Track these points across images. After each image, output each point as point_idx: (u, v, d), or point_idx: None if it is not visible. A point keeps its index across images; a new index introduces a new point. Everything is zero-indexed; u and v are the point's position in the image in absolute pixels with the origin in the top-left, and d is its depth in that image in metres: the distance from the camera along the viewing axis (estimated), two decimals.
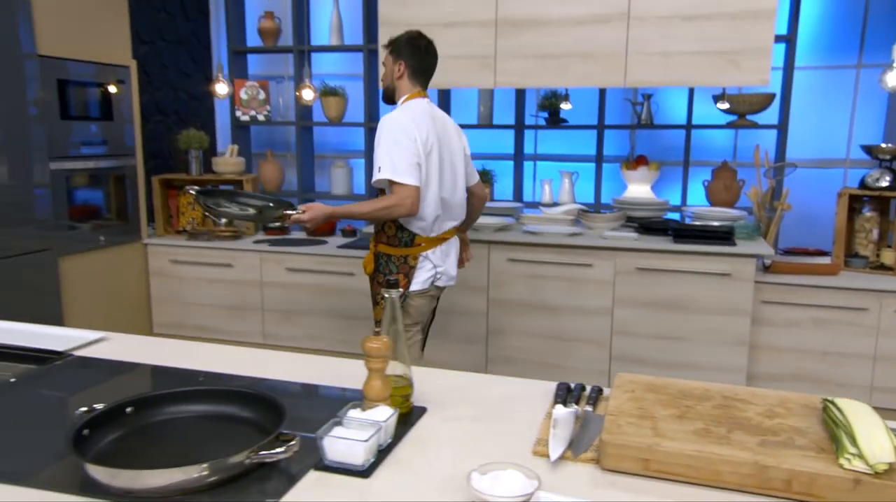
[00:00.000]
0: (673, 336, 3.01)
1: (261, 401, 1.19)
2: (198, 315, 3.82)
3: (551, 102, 4.16)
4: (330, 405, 1.36)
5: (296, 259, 3.65)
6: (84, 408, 1.13)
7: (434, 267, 2.37)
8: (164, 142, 4.49)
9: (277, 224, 2.10)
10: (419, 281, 2.35)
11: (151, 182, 4.01)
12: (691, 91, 3.93)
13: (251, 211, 2.36)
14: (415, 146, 2.22)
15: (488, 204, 3.70)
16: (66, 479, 1.01)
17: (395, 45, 2.37)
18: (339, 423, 1.10)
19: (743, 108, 3.67)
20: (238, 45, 4.58)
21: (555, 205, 3.86)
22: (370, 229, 2.88)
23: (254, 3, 4.78)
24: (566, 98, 4.04)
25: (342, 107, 4.45)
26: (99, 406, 1.14)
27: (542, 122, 4.25)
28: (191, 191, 2.36)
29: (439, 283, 2.42)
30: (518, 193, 4.40)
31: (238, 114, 4.51)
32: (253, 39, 4.69)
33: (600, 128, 4.15)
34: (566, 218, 3.38)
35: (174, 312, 3.88)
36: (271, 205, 2.34)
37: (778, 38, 3.17)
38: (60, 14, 3.23)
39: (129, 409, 1.16)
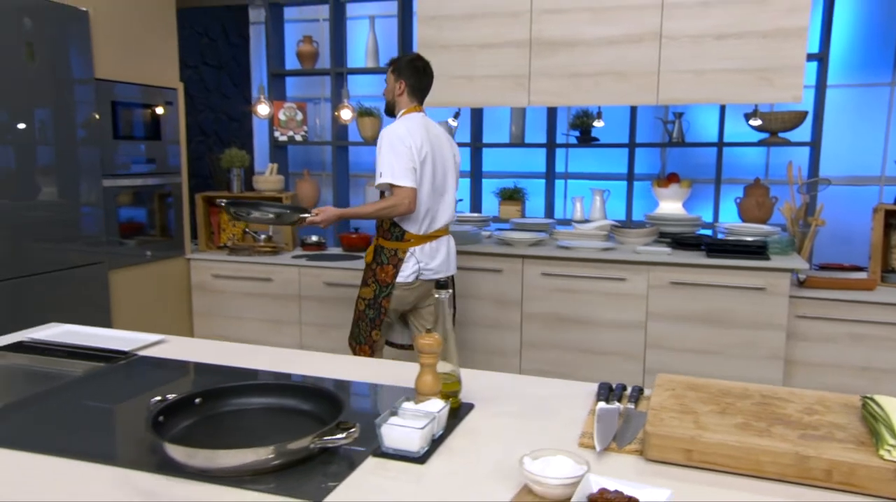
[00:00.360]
0: (707, 350, 3.02)
1: (319, 395, 1.26)
2: (237, 328, 3.93)
3: (582, 121, 4.23)
4: (381, 400, 1.42)
5: (333, 273, 3.74)
6: (158, 398, 1.21)
7: (417, 262, 2.63)
8: (205, 162, 4.66)
9: (295, 222, 2.59)
10: (404, 274, 2.62)
11: (195, 199, 4.16)
12: (722, 109, 3.97)
13: (271, 215, 2.78)
14: (410, 153, 2.52)
15: (522, 220, 3.76)
16: (144, 459, 1.09)
17: (397, 66, 2.67)
18: (394, 413, 1.17)
19: (775, 126, 3.70)
20: (277, 68, 4.75)
21: (586, 221, 3.91)
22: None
23: (292, 28, 4.96)
24: (598, 116, 4.11)
25: (377, 127, 4.58)
26: (171, 396, 1.22)
27: (573, 141, 4.32)
28: (220, 203, 2.76)
29: (424, 278, 2.66)
30: (549, 211, 4.46)
31: (276, 134, 4.66)
32: (291, 63, 4.86)
33: (631, 146, 4.20)
34: (599, 233, 3.42)
35: (215, 325, 4.00)
36: (288, 210, 2.71)
37: (810, 57, 3.21)
38: (115, 39, 3.41)
39: (197, 400, 1.25)
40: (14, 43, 2.81)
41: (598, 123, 4.10)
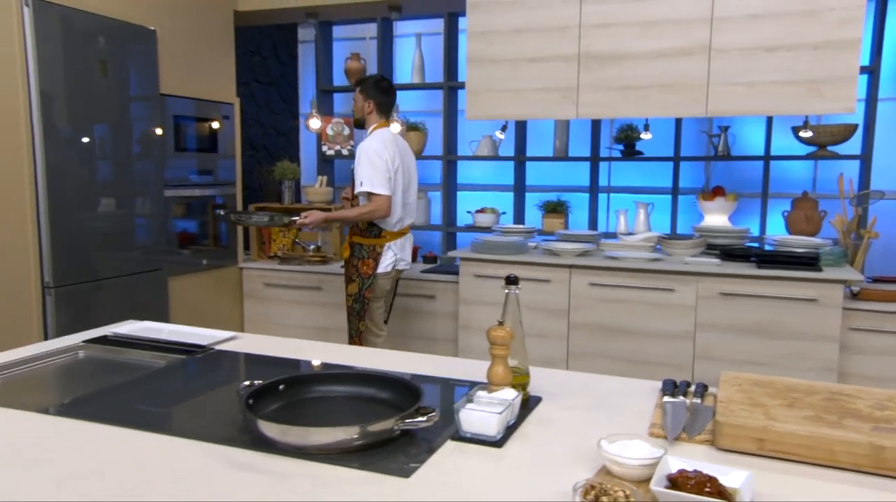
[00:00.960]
0: (757, 361, 3.00)
1: (397, 384, 1.32)
2: (287, 334, 4.03)
3: (627, 135, 4.26)
4: (449, 393, 1.48)
5: None
6: (246, 383, 1.29)
7: (394, 254, 3.12)
8: (255, 175, 4.81)
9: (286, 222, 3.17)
10: (384, 265, 3.09)
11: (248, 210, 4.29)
12: (769, 122, 3.96)
13: (266, 219, 3.28)
14: (386, 165, 2.96)
15: (567, 231, 3.80)
16: (238, 437, 1.17)
17: (364, 87, 3.11)
18: (469, 401, 1.22)
19: (824, 139, 3.68)
20: (325, 84, 4.89)
21: (630, 234, 3.93)
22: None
23: (340, 46, 5.11)
24: (646, 129, 4.13)
25: (422, 141, 4.68)
26: (258, 382, 1.29)
27: (617, 155, 4.35)
28: (219, 213, 3.40)
29: (399, 267, 3.17)
30: (593, 224, 4.49)
31: (324, 148, 4.79)
32: (338, 80, 5.01)
33: (676, 159, 4.21)
34: (646, 244, 3.44)
35: (265, 331, 4.11)
36: (279, 216, 3.24)
37: (861, 69, 3.20)
38: (178, 56, 3.58)
39: (281, 386, 1.32)
40: (90, 60, 2.98)
41: (645, 135, 4.13)
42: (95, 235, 3.06)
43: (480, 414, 1.16)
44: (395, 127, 3.35)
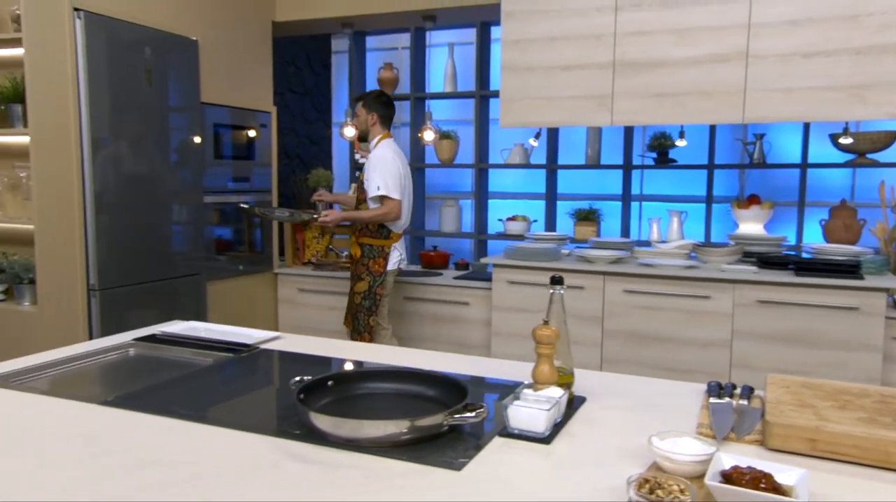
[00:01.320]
0: (796, 370, 2.96)
1: (443, 382, 1.34)
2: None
3: (660, 143, 4.25)
4: (496, 391, 1.49)
5: (413, 288, 3.85)
6: (297, 379, 1.32)
7: (399, 253, 3.35)
8: (289, 183, 4.89)
9: (306, 220, 3.43)
10: (392, 263, 3.32)
11: None
12: (806, 130, 3.92)
13: (286, 214, 3.45)
14: (398, 171, 3.21)
15: (600, 238, 3.79)
16: (290, 430, 1.19)
17: (367, 101, 3.33)
18: (517, 398, 1.23)
19: (864, 146, 3.63)
20: (359, 93, 4.95)
21: (663, 242, 3.90)
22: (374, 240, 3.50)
23: (372, 56, 5.18)
24: (681, 136, 4.11)
25: (454, 149, 4.72)
26: (307, 378, 1.32)
27: (649, 162, 4.33)
28: (243, 206, 3.48)
29: (402, 266, 3.39)
30: (625, 232, 4.47)
31: (357, 156, 4.85)
32: (371, 89, 5.07)
33: (710, 167, 4.18)
34: (680, 251, 3.42)
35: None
36: (299, 212, 3.41)
37: None
38: (218, 66, 3.67)
39: (330, 382, 1.34)
40: (136, 70, 3.07)
41: (680, 143, 4.11)
42: (138, 240, 3.14)
43: (529, 411, 1.17)
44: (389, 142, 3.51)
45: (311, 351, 1.77)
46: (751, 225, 3.87)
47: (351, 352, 1.76)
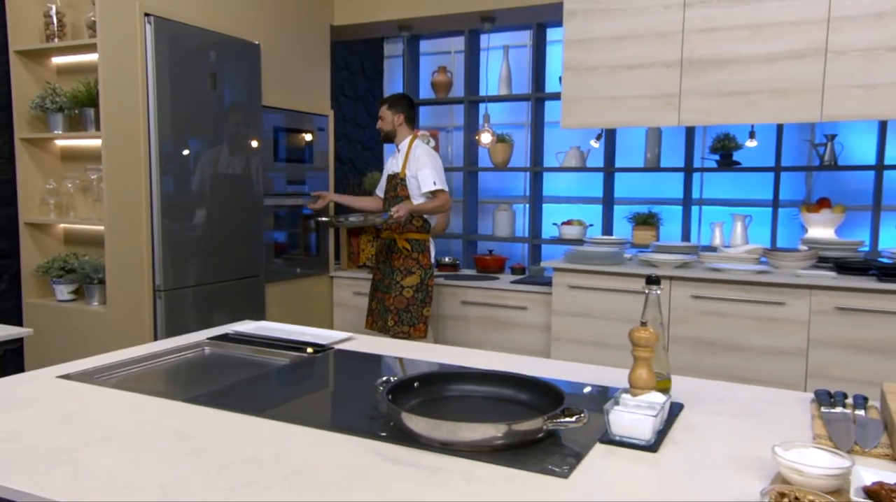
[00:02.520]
0: (881, 381, 2.79)
1: (536, 386, 1.28)
2: None
3: (724, 144, 4.11)
4: (580, 398, 1.42)
5: (470, 292, 3.81)
6: (383, 379, 1.28)
7: (434, 246, 3.46)
8: (341, 187, 4.91)
9: (379, 222, 3.34)
10: (432, 255, 3.41)
11: None
12: (882, 130, 3.74)
13: (361, 218, 3.46)
14: (441, 166, 3.34)
15: (663, 243, 3.68)
16: (381, 431, 1.15)
17: (391, 102, 3.41)
18: (616, 404, 1.17)
19: None
20: (412, 97, 4.94)
21: (727, 247, 3.76)
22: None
23: (425, 60, 5.17)
24: (751, 136, 3.97)
25: (508, 153, 4.66)
26: (392, 378, 1.28)
27: (712, 165, 4.20)
28: (322, 220, 3.59)
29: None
30: (686, 237, 4.34)
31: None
32: (424, 93, 5.06)
33: (777, 170, 4.03)
34: (750, 256, 3.29)
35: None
36: (371, 215, 3.44)
37: None
38: (279, 69, 3.70)
39: (416, 384, 1.30)
40: (202, 74, 3.12)
41: (750, 143, 3.96)
42: (200, 242, 3.17)
43: (633, 417, 1.11)
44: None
45: (385, 351, 1.74)
46: (821, 229, 3.70)
47: (426, 354, 1.72)
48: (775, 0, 2.95)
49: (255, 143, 3.46)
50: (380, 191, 3.62)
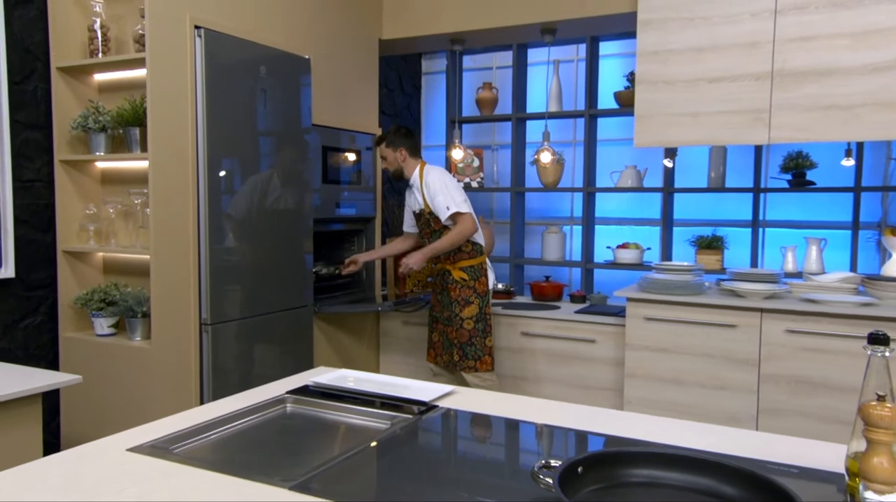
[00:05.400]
0: None
1: (746, 477, 1.01)
2: (419, 376, 3.79)
3: (797, 163, 3.84)
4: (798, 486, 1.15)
5: (528, 323, 3.54)
6: (541, 463, 1.02)
7: (492, 271, 3.27)
8: (382, 209, 4.67)
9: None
10: (491, 280, 3.21)
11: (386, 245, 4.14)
12: None
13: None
14: (457, 185, 3.13)
15: (744, 269, 3.40)
16: None
17: (389, 139, 3.20)
18: None
19: None
20: (454, 115, 4.73)
21: (816, 274, 3.48)
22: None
23: (467, 77, 4.96)
24: (848, 155, 3.69)
25: (559, 172, 4.42)
26: (555, 462, 1.02)
27: (783, 185, 3.92)
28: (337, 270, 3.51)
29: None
30: (754, 263, 4.06)
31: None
32: (467, 110, 4.84)
33: (857, 190, 3.75)
34: (846, 286, 3.00)
35: (404, 370, 3.89)
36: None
37: None
38: (328, 86, 3.49)
39: (580, 469, 1.04)
40: (252, 90, 2.90)
41: (846, 162, 3.69)
42: (249, 271, 2.93)
43: None
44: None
45: (500, 411, 1.47)
46: None
47: (554, 416, 1.46)
48: (881, 4, 2.70)
49: (304, 164, 3.23)
50: (407, 227, 3.41)
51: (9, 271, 2.62)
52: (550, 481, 0.97)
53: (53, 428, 2.83)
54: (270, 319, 3.07)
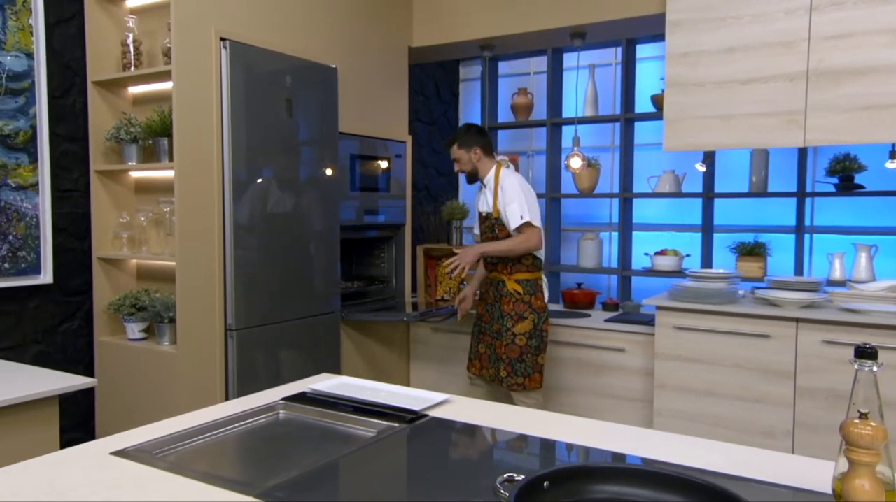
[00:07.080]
0: None
1: (709, 492, 0.96)
2: (447, 383, 3.78)
3: (844, 166, 3.66)
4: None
5: (560, 331, 3.48)
6: (504, 477, 0.99)
7: (547, 284, 3.11)
8: (417, 215, 4.69)
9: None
10: (546, 297, 3.05)
11: (416, 251, 4.15)
12: None
13: None
14: (535, 200, 2.99)
15: (783, 278, 3.26)
16: None
17: (460, 140, 3.06)
18: None
19: None
20: (491, 121, 4.71)
21: (860, 282, 3.30)
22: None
23: (503, 82, 4.93)
24: (892, 157, 3.50)
25: (595, 178, 4.34)
26: (517, 476, 1.00)
27: (829, 189, 3.74)
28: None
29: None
30: (799, 270, 3.88)
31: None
32: (503, 116, 4.81)
33: None
34: (892, 295, 2.84)
35: (434, 376, 3.89)
36: None
37: None
38: (356, 94, 3.53)
39: (546, 483, 1.01)
40: (277, 100, 2.96)
41: (890, 164, 3.49)
42: (274, 277, 2.99)
43: None
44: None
45: (491, 421, 1.45)
46: None
47: (542, 428, 1.42)
48: None
49: (330, 172, 3.27)
50: (477, 230, 3.21)
51: (48, 277, 2.75)
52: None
53: (91, 428, 2.95)
54: (296, 325, 3.11)
